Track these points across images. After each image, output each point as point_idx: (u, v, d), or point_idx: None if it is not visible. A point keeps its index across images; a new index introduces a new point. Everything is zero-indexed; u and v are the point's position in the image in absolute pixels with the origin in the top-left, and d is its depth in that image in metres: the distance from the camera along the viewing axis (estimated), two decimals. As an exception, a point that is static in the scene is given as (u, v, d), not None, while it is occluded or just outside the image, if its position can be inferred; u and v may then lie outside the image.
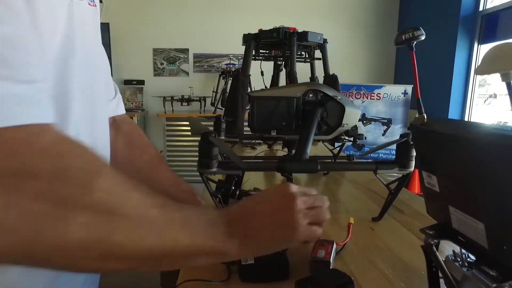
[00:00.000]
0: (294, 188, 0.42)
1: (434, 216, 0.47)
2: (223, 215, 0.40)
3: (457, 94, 3.43)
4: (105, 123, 0.58)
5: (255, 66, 1.86)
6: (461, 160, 0.38)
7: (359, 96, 3.37)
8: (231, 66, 4.10)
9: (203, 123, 1.11)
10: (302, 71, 1.85)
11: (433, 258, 0.41)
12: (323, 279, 0.49)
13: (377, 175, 0.79)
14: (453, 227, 0.42)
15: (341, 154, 1.27)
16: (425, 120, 0.43)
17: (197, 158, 0.72)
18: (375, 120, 3.33)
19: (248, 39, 1.50)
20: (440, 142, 0.41)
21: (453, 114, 3.48)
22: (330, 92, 0.94)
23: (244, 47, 1.53)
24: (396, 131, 3.36)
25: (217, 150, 0.72)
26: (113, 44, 3.83)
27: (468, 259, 0.44)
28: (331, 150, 1.28)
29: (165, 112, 3.80)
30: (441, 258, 0.47)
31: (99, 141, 0.54)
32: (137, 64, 4.04)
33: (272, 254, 0.59)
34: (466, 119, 3.44)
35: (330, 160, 1.20)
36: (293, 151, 1.32)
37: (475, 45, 3.30)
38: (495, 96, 5.02)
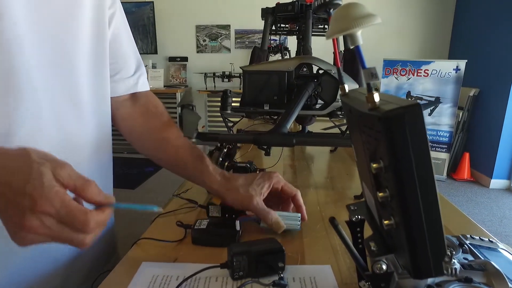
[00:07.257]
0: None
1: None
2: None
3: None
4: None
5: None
6: (359, 133, 0.37)
7: (404, 73, 3.15)
8: (272, 42, 4.05)
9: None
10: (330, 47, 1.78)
11: (336, 233, 0.40)
12: (253, 245, 0.50)
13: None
14: (367, 204, 0.42)
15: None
16: (346, 91, 0.42)
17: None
18: (420, 99, 3.10)
19: (265, 13, 1.48)
20: (349, 116, 0.40)
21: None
22: (324, 65, 0.91)
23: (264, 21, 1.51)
24: (445, 111, 3.10)
25: (196, 121, 0.76)
26: (157, 22, 3.99)
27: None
28: (338, 126, 1.25)
29: (206, 89, 3.92)
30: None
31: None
32: (180, 41, 4.17)
33: (225, 221, 0.63)
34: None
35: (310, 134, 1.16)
36: (306, 126, 1.31)
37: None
38: None
